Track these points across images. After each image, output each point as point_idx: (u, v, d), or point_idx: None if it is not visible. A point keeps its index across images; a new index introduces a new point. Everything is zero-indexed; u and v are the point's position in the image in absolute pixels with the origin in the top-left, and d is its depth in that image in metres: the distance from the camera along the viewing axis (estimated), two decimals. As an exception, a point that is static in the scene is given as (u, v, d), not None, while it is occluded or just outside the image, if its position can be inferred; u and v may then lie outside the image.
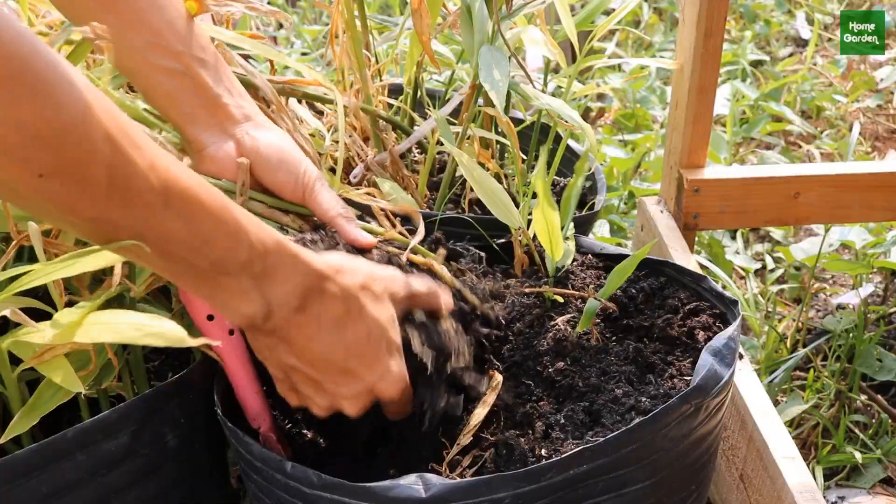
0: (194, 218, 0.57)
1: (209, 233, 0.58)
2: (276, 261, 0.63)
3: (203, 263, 0.60)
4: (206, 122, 0.78)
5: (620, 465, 0.71)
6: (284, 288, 0.64)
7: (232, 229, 0.60)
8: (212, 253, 0.59)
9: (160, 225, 0.56)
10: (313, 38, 2.44)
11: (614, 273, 0.87)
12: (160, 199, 0.55)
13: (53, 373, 0.75)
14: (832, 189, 1.29)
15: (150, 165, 0.54)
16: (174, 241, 0.57)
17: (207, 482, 0.91)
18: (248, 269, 0.61)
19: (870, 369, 1.28)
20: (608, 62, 1.19)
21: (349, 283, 0.68)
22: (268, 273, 0.63)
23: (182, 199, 0.56)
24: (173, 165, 0.56)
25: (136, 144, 0.53)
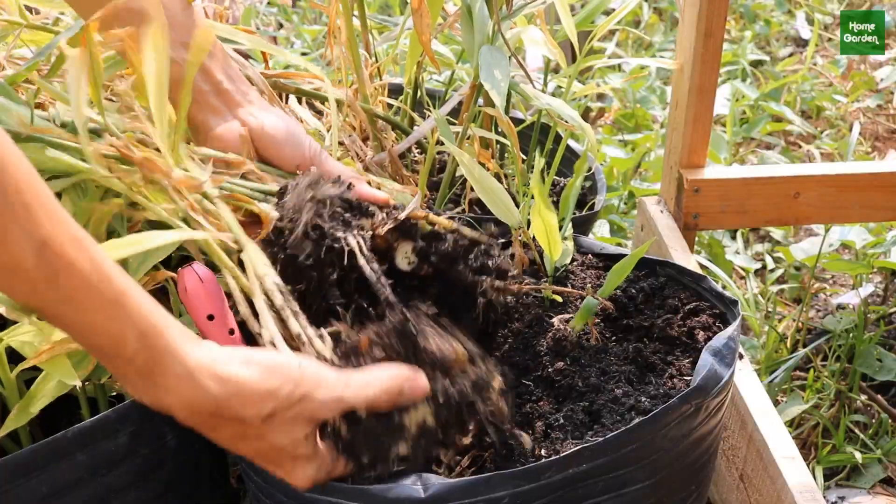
0: (81, 307, 0.55)
1: (95, 324, 0.56)
2: (163, 370, 0.59)
3: (89, 345, 0.58)
4: (211, 106, 0.82)
5: (620, 465, 0.71)
6: (173, 399, 0.60)
7: (120, 325, 0.57)
8: (96, 340, 0.57)
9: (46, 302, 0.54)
10: (313, 38, 2.44)
11: (613, 272, 0.87)
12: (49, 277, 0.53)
13: (53, 368, 0.75)
14: (832, 189, 1.29)
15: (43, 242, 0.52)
16: (61, 321, 0.56)
17: (207, 482, 0.91)
18: (132, 365, 0.58)
19: (870, 369, 1.28)
20: (608, 62, 1.19)
21: (251, 414, 0.62)
22: (156, 379, 0.59)
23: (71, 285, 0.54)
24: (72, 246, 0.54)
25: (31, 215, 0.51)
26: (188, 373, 0.59)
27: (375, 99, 1.17)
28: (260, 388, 0.62)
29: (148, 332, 0.58)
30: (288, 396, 0.63)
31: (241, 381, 0.62)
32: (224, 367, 0.61)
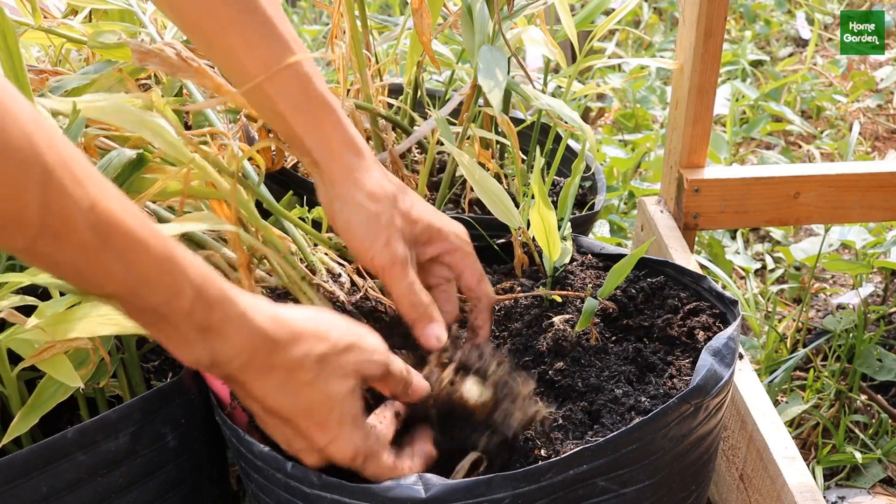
0: (134, 262, 0.54)
1: (149, 278, 0.56)
2: (221, 316, 0.59)
3: (143, 306, 0.57)
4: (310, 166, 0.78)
5: (620, 465, 0.71)
6: (228, 346, 0.60)
7: (175, 277, 0.57)
8: (152, 298, 0.56)
9: (97, 264, 0.53)
10: (313, 37, 2.44)
11: (612, 272, 0.87)
12: (98, 239, 0.52)
13: (53, 369, 0.75)
14: (832, 189, 1.29)
15: (91, 204, 0.52)
16: (113, 282, 0.55)
17: (207, 482, 0.91)
18: (190, 318, 0.58)
19: (870, 369, 1.28)
20: (608, 62, 1.19)
21: (303, 353, 0.64)
22: (212, 328, 0.59)
23: (123, 241, 0.53)
24: (119, 205, 0.54)
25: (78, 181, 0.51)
26: (242, 313, 0.60)
27: (376, 99, 1.17)
28: (312, 329, 0.64)
29: (202, 282, 0.58)
30: (337, 342, 0.65)
31: (296, 321, 0.64)
32: (278, 310, 0.63)
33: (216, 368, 0.62)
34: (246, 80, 0.73)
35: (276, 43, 0.73)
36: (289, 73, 0.74)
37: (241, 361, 0.61)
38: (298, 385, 0.64)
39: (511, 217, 0.90)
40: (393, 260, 0.75)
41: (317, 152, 0.76)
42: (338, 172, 0.76)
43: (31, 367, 0.77)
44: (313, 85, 0.75)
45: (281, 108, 0.74)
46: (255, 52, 0.73)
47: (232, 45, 0.73)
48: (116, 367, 0.87)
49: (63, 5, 1.04)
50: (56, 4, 1.05)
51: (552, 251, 0.90)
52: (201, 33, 0.74)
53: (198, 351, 0.60)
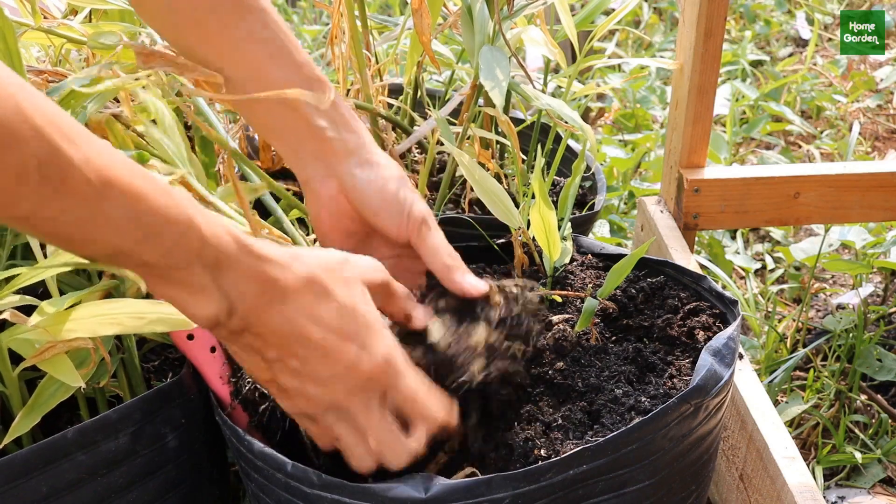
0: (137, 210, 0.55)
1: (155, 223, 0.56)
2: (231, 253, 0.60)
3: (152, 256, 0.57)
4: (310, 156, 0.76)
5: (620, 465, 0.71)
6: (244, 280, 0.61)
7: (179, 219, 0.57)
8: (160, 244, 0.57)
9: (100, 218, 0.54)
10: (313, 37, 2.44)
11: (612, 272, 0.87)
12: (97, 192, 0.53)
13: (54, 369, 0.75)
14: (832, 189, 1.29)
15: (86, 159, 0.52)
16: (118, 234, 0.55)
17: (207, 482, 0.91)
18: (200, 259, 0.58)
19: (870, 369, 1.28)
20: (608, 62, 1.19)
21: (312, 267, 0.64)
22: (221, 264, 0.59)
23: (122, 191, 0.54)
24: (111, 158, 0.54)
25: (69, 139, 0.52)
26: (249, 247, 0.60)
27: (376, 99, 1.17)
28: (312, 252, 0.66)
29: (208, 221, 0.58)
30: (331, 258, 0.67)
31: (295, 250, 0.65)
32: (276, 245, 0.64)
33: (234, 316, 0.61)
34: (249, 75, 0.73)
35: (277, 33, 0.74)
36: (294, 60, 0.74)
37: (253, 294, 0.61)
38: (315, 301, 0.64)
39: (511, 217, 0.90)
40: (426, 215, 0.76)
41: (330, 129, 0.75)
42: (354, 141, 0.76)
43: (31, 367, 0.77)
44: (315, 70, 0.76)
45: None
46: (256, 43, 0.73)
47: (235, 38, 0.73)
48: (116, 367, 0.87)
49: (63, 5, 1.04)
50: (56, 4, 1.05)
51: (552, 251, 0.90)
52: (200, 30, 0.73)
53: (212, 296, 0.60)
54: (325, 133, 0.75)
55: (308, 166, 0.77)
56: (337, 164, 0.76)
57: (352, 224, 0.78)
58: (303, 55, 0.75)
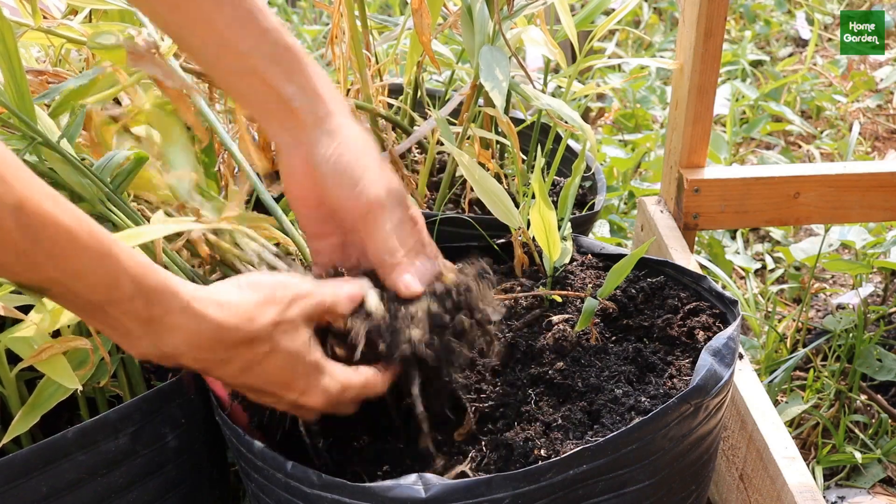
0: (67, 258, 0.54)
1: (85, 273, 0.55)
2: (163, 309, 0.58)
3: (82, 302, 0.57)
4: (280, 124, 0.74)
5: (620, 465, 0.71)
6: (176, 339, 0.60)
7: (111, 271, 0.56)
8: (89, 294, 0.56)
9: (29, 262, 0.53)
10: (313, 37, 2.44)
11: (612, 272, 0.87)
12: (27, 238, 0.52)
13: (52, 370, 0.75)
14: (832, 189, 1.29)
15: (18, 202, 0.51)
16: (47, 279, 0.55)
17: (207, 482, 0.91)
18: (130, 311, 0.57)
19: (870, 369, 1.28)
20: (608, 62, 1.19)
21: (257, 328, 0.63)
22: (155, 321, 0.58)
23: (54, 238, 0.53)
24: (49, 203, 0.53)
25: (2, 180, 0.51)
26: (187, 304, 0.59)
27: (376, 99, 1.17)
28: (258, 300, 0.64)
29: (141, 275, 0.57)
30: (282, 299, 0.66)
31: (240, 301, 0.63)
32: (218, 294, 0.63)
33: (167, 360, 0.61)
34: (217, 42, 0.72)
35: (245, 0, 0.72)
36: (260, 27, 0.72)
37: (193, 353, 0.61)
38: (259, 359, 0.65)
39: (511, 217, 0.90)
40: (381, 198, 0.72)
41: (298, 99, 0.73)
42: (323, 110, 0.73)
43: (31, 366, 0.77)
44: (284, 36, 0.73)
45: (255, 62, 0.72)
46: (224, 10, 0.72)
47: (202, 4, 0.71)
48: (116, 367, 0.87)
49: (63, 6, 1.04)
50: (56, 4, 1.05)
51: (552, 251, 0.90)
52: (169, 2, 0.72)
53: (144, 344, 0.60)
54: (292, 102, 0.73)
55: (278, 135, 0.75)
56: (303, 134, 0.73)
57: (315, 194, 0.75)
58: (271, 21, 0.73)
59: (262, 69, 0.72)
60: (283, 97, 0.73)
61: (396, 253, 0.72)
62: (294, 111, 0.73)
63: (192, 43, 0.73)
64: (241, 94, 0.76)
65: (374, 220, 0.72)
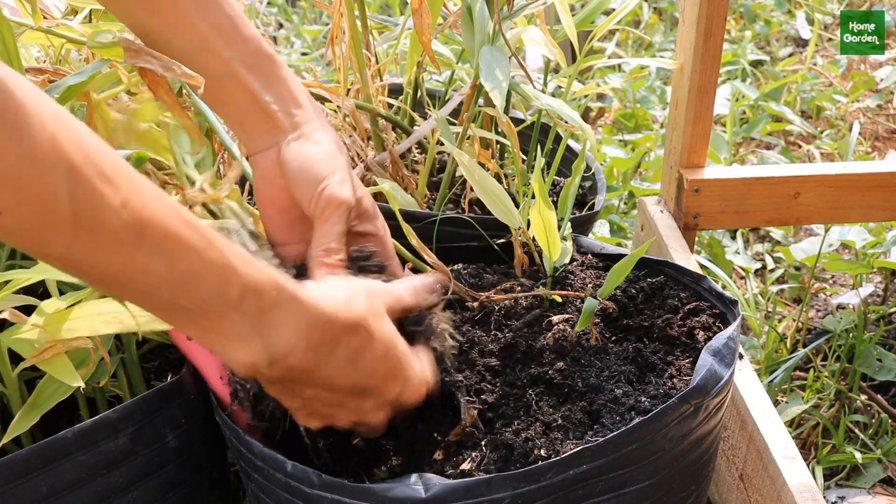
0: (174, 256, 0.53)
1: (193, 271, 0.54)
2: (273, 302, 0.58)
3: (189, 303, 0.55)
4: (256, 129, 0.75)
5: (620, 465, 0.71)
6: (287, 333, 0.59)
7: (219, 267, 0.55)
8: (198, 292, 0.55)
9: (136, 263, 0.52)
10: (313, 37, 2.44)
11: (612, 272, 0.87)
12: (134, 237, 0.51)
13: (54, 369, 0.75)
14: (832, 189, 1.29)
15: (124, 202, 0.50)
16: (154, 280, 0.53)
17: (207, 482, 0.91)
18: (240, 308, 0.57)
19: (870, 369, 1.28)
20: (608, 62, 1.19)
21: (356, 314, 0.64)
22: (265, 314, 0.58)
23: (160, 236, 0.52)
24: (153, 201, 0.52)
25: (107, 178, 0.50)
26: (295, 296, 0.59)
27: (376, 99, 1.17)
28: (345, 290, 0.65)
29: (249, 270, 0.57)
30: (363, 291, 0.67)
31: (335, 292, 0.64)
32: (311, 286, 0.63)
33: (274, 366, 0.60)
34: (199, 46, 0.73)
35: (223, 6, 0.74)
36: (239, 33, 0.74)
37: (303, 347, 0.60)
38: (363, 346, 0.65)
39: (511, 217, 0.90)
40: (342, 200, 0.74)
41: (275, 104, 0.75)
42: (300, 116, 0.76)
43: (31, 366, 0.77)
44: (262, 45, 0.76)
45: (235, 68, 0.74)
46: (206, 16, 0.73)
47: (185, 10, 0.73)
48: (116, 367, 0.87)
49: (63, 5, 1.04)
50: (56, 4, 1.05)
51: (552, 251, 0.90)
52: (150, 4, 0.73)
53: (252, 345, 0.58)
54: (270, 106, 0.75)
55: (253, 140, 0.76)
56: (279, 137, 0.75)
57: (286, 199, 0.76)
58: (251, 29, 0.75)
59: (242, 75, 0.74)
60: (261, 103, 0.75)
61: (333, 254, 0.74)
62: (271, 116, 0.75)
63: (173, 46, 0.74)
64: (219, 99, 0.77)
65: (327, 218, 0.74)
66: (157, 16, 0.73)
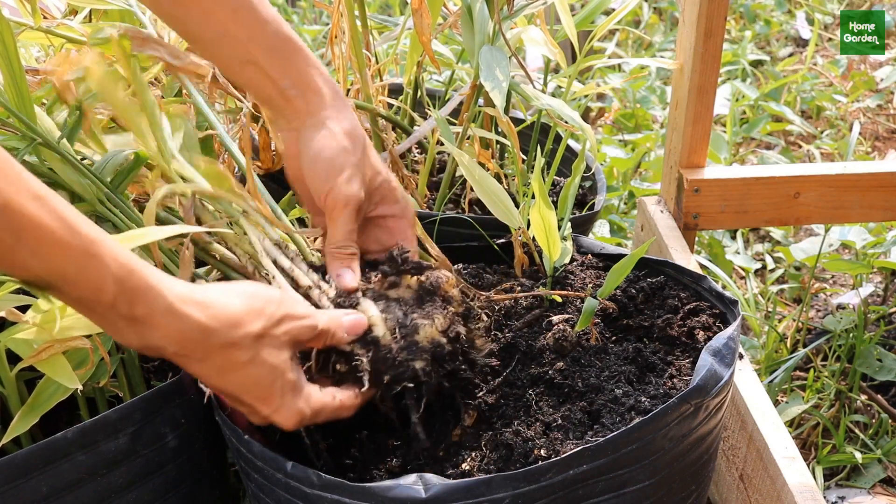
0: (50, 258, 0.56)
1: (68, 273, 0.57)
2: (146, 309, 0.60)
3: (72, 299, 0.59)
4: (278, 111, 0.78)
5: (620, 465, 0.71)
6: (158, 335, 0.61)
7: (94, 272, 0.57)
8: (73, 291, 0.58)
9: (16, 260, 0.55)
10: (313, 37, 2.44)
11: (612, 272, 0.87)
12: (12, 237, 0.54)
13: (51, 370, 0.75)
14: (832, 189, 1.29)
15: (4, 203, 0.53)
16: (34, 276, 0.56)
17: (207, 482, 0.91)
18: (114, 310, 0.59)
19: (870, 369, 1.28)
20: (608, 62, 1.19)
21: (240, 335, 0.64)
22: (138, 319, 0.60)
23: (36, 239, 0.55)
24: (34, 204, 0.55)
25: None
26: (170, 305, 0.61)
27: (376, 99, 1.17)
28: (247, 310, 0.65)
29: (124, 275, 0.58)
30: (271, 316, 0.67)
31: (228, 305, 0.64)
32: (203, 295, 0.63)
33: (150, 351, 0.63)
34: (218, 31, 0.74)
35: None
36: (258, 17, 0.75)
37: (174, 349, 0.62)
38: (237, 365, 0.65)
39: (511, 217, 0.90)
40: (347, 200, 0.76)
41: (293, 89, 0.76)
42: (315, 103, 0.77)
43: (30, 366, 0.77)
44: (282, 27, 0.76)
45: (254, 53, 0.75)
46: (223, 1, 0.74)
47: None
48: (116, 367, 0.87)
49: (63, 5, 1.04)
50: (56, 4, 1.05)
51: (552, 251, 0.90)
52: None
53: (129, 337, 0.61)
54: (288, 91, 0.76)
55: (278, 123, 0.79)
56: (297, 123, 0.77)
57: None
58: (270, 11, 0.76)
59: (260, 59, 0.75)
60: (280, 87, 0.76)
61: (344, 250, 0.76)
62: (290, 100, 0.76)
63: (195, 33, 0.75)
64: (245, 83, 0.79)
65: (335, 219, 0.76)
66: (178, 3, 0.74)
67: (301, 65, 0.76)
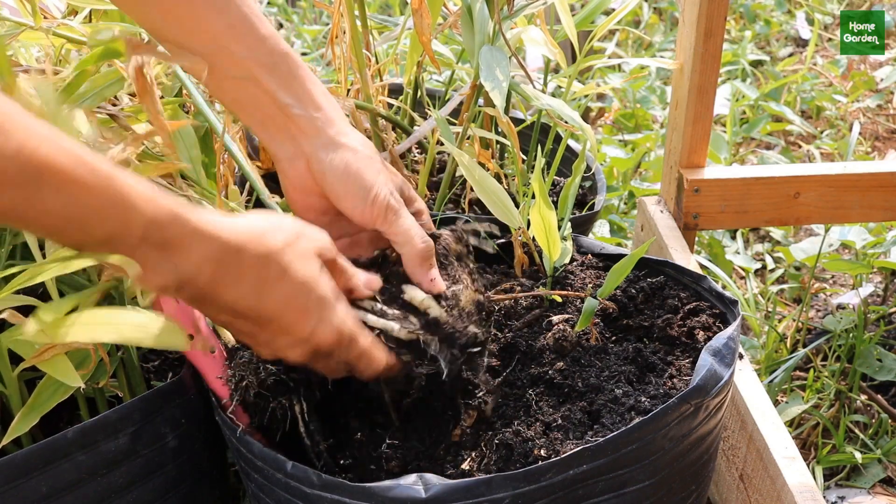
0: (74, 198, 0.55)
1: (94, 211, 0.56)
2: (176, 232, 0.59)
3: (97, 240, 0.58)
4: (279, 133, 0.75)
5: (620, 465, 0.71)
6: (190, 260, 0.61)
7: (120, 206, 0.57)
8: (101, 230, 0.57)
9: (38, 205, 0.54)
10: (313, 37, 2.44)
11: (612, 272, 0.87)
12: (30, 181, 0.53)
13: (54, 370, 0.75)
14: (832, 189, 1.29)
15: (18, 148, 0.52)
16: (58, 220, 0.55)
17: (207, 482, 0.91)
18: (146, 242, 0.58)
19: (870, 369, 1.28)
20: (608, 62, 1.19)
21: (268, 247, 0.65)
22: (169, 244, 0.59)
23: (57, 178, 0.54)
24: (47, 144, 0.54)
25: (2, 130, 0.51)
26: (197, 228, 0.60)
27: (376, 99, 1.17)
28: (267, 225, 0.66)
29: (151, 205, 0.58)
30: (291, 231, 0.67)
31: (250, 223, 0.65)
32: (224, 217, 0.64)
33: (184, 289, 0.62)
34: (213, 47, 0.72)
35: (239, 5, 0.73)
36: (257, 34, 0.73)
37: (207, 274, 0.62)
38: (272, 280, 0.65)
39: (511, 217, 0.90)
40: (390, 199, 0.76)
41: (296, 107, 0.75)
42: (323, 120, 0.75)
43: (31, 367, 0.77)
44: (280, 43, 0.75)
45: (253, 69, 0.73)
46: (219, 15, 0.72)
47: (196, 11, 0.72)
48: (116, 367, 0.87)
49: (63, 5, 1.04)
50: (56, 4, 1.05)
51: (552, 251, 0.90)
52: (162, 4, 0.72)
53: (162, 272, 0.60)
54: (291, 110, 0.74)
55: (277, 144, 0.76)
56: (304, 143, 0.75)
57: (321, 203, 0.78)
58: (268, 27, 0.74)
59: (259, 75, 0.73)
60: (281, 104, 0.74)
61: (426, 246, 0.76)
62: (293, 118, 0.75)
63: (188, 48, 0.73)
64: (238, 101, 0.76)
65: (396, 218, 0.76)
66: (170, 16, 0.72)
67: (303, 81, 0.75)
